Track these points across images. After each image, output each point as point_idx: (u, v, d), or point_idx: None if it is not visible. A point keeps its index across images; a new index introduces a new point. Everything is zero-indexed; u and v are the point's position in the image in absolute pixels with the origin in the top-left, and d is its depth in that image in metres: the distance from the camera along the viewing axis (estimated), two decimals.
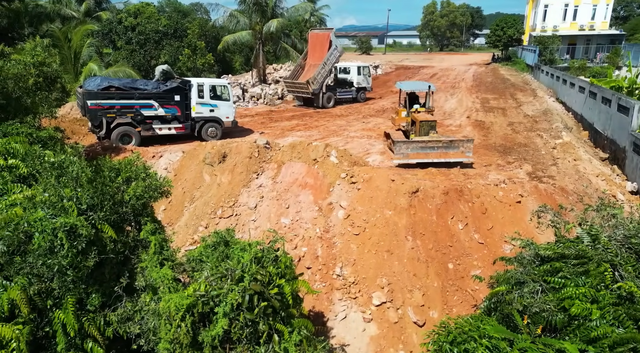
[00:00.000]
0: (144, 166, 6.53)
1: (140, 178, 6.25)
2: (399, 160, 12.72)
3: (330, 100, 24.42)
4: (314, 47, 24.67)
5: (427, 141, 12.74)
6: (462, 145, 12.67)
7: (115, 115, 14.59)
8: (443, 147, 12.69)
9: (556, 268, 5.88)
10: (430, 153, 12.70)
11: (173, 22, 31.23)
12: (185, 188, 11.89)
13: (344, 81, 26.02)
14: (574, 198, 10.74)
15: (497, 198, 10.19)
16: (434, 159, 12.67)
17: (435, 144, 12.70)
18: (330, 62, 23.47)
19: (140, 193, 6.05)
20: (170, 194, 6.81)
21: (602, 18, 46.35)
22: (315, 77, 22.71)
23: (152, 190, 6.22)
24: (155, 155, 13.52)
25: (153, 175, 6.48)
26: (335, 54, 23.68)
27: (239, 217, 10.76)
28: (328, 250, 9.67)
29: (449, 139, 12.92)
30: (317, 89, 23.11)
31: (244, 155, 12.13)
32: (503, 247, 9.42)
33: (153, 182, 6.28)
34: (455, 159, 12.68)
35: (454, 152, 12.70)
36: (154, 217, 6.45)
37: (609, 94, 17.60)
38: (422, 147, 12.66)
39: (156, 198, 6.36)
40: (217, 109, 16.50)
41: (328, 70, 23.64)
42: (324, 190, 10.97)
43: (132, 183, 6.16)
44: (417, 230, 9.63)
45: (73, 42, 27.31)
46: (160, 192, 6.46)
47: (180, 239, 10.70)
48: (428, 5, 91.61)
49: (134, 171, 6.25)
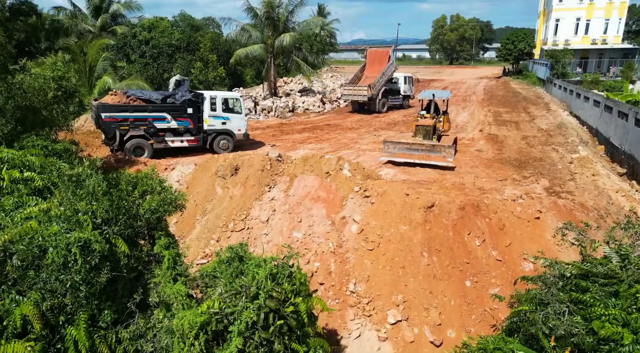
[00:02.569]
0: (159, 179, 6.48)
1: (156, 191, 6.19)
2: (386, 157, 14.35)
3: (384, 105, 27.50)
4: (372, 62, 28.57)
5: (412, 143, 14.26)
6: (443, 150, 13.85)
7: (128, 127, 14.70)
8: (426, 150, 14.04)
9: (583, 287, 5.65)
10: (414, 154, 14.10)
11: (186, 35, 31.71)
12: (197, 201, 11.84)
13: (393, 90, 28.55)
14: (594, 215, 10.46)
15: (515, 214, 9.94)
16: (416, 160, 13.96)
17: (419, 146, 14.12)
18: (387, 73, 27.25)
19: (155, 207, 5.98)
20: (185, 208, 6.73)
21: (615, 32, 46.08)
22: (375, 84, 25.86)
23: (167, 203, 6.15)
24: (168, 168, 13.53)
25: (168, 188, 6.42)
26: (392, 67, 27.88)
27: (251, 231, 10.64)
28: (341, 265, 9.48)
29: (432, 143, 14.22)
30: (375, 95, 26.22)
31: (256, 168, 12.06)
32: (522, 264, 9.15)
33: (168, 196, 6.21)
34: (437, 162, 13.75)
35: (436, 156, 13.89)
36: (167, 231, 6.36)
37: (626, 108, 17.31)
38: (408, 148, 14.21)
39: (171, 213, 6.29)
40: (229, 121, 16.55)
41: (385, 80, 27.01)
42: (337, 204, 10.83)
43: (147, 196, 6.10)
44: (432, 246, 9.41)
45: (88, 55, 27.81)
46: (175, 206, 6.38)
47: (192, 252, 10.60)
48: (438, 19, 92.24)
49: (150, 184, 6.19)
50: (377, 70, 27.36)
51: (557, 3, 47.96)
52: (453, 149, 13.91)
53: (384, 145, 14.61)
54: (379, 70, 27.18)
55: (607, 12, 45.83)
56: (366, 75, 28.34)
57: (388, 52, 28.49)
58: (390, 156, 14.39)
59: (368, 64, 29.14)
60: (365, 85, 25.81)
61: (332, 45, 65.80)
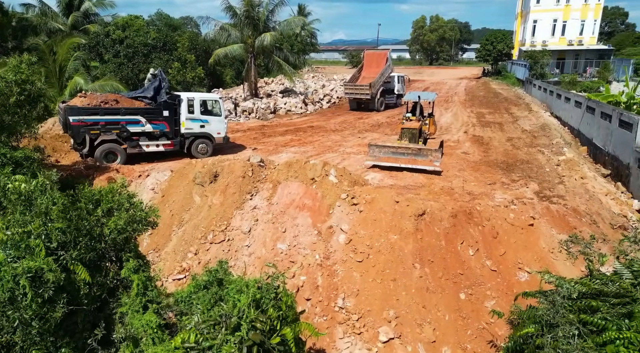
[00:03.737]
0: (128, 195, 5.78)
1: (123, 208, 5.49)
2: (371, 161, 13.86)
3: (382, 104, 28.46)
4: (370, 63, 29.64)
5: (398, 147, 13.77)
6: (430, 154, 13.37)
7: (99, 131, 13.78)
8: (413, 154, 13.54)
9: (593, 307, 5.24)
10: (400, 158, 13.59)
11: (162, 35, 30.62)
12: (173, 211, 11.09)
13: (389, 89, 29.64)
14: (587, 220, 10.20)
15: (509, 221, 9.58)
16: (402, 164, 13.51)
17: (405, 150, 13.64)
18: (385, 73, 28.68)
19: (122, 227, 5.29)
20: (157, 225, 6.05)
21: (590, 33, 47.00)
22: (375, 83, 27.06)
23: (136, 222, 5.47)
24: (142, 174, 12.71)
25: (138, 204, 5.73)
26: (389, 68, 29.40)
27: (232, 242, 9.98)
28: (329, 279, 8.93)
29: (418, 147, 13.79)
30: (375, 93, 27.41)
31: (237, 174, 11.40)
32: (517, 274, 8.78)
33: (137, 213, 5.52)
34: (423, 167, 13.34)
35: (422, 160, 13.42)
36: (137, 252, 5.67)
37: (609, 110, 17.30)
38: (393, 152, 13.70)
39: (141, 231, 5.60)
40: (207, 124, 15.79)
41: (383, 80, 28.32)
42: (323, 213, 10.27)
43: (113, 214, 5.40)
44: (425, 256, 8.96)
45: (58, 55, 26.47)
46: (146, 224, 5.70)
47: (167, 267, 9.88)
48: (417, 20, 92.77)
49: (117, 201, 5.50)
50: (375, 71, 28.45)
51: (534, 4, 48.62)
52: (440, 153, 13.44)
53: (369, 149, 14.05)
54: (376, 71, 28.28)
55: (582, 14, 46.71)
56: (363, 75, 29.36)
57: (386, 54, 29.71)
58: (376, 160, 13.87)
59: (365, 65, 30.15)
60: (367, 84, 26.85)
61: (312, 45, 65.28)
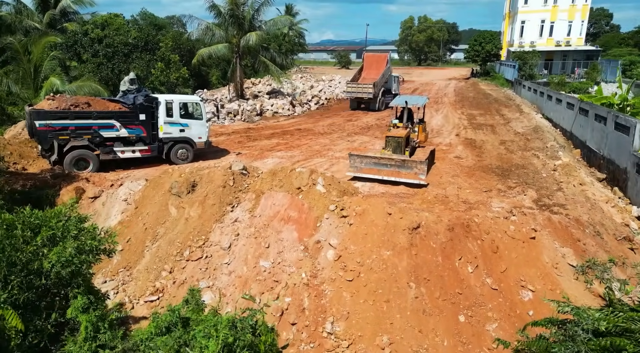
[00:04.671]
0: (78, 218, 4.92)
1: (70, 236, 4.64)
2: (352, 173, 12.94)
3: (384, 103, 28.66)
4: (370, 65, 30.40)
5: (380, 158, 12.71)
6: (415, 167, 12.34)
7: (69, 137, 12.79)
8: (396, 166, 12.53)
9: (618, 347, 4.56)
10: (383, 170, 12.62)
11: (144, 34, 29.47)
12: (147, 224, 10.20)
13: (387, 89, 30.17)
14: (590, 231, 9.60)
15: (509, 234, 8.92)
16: (384, 177, 12.52)
17: (388, 161, 12.59)
18: (386, 74, 29.56)
19: (68, 258, 4.44)
20: (115, 252, 5.19)
21: (578, 34, 47.09)
22: (378, 83, 27.90)
23: (86, 252, 4.61)
24: (115, 184, 11.77)
25: (90, 230, 4.88)
26: (389, 70, 30.49)
27: (210, 260, 9.13)
28: (316, 300, 8.15)
29: (402, 158, 12.63)
30: (377, 93, 27.99)
31: (217, 183, 10.55)
32: (520, 293, 8.11)
33: (88, 242, 4.67)
34: (407, 180, 12.34)
35: (406, 173, 12.42)
36: (89, 287, 4.82)
37: (604, 112, 16.84)
38: (375, 163, 12.68)
39: (92, 263, 4.75)
40: (188, 128, 14.88)
41: (384, 80, 29.26)
42: (310, 226, 9.49)
43: (57, 244, 4.55)
44: (420, 274, 8.23)
45: (33, 55, 25.21)
46: (99, 252, 4.85)
47: (139, 287, 9.00)
48: (406, 20, 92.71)
49: (61, 227, 4.64)
50: (375, 72, 29.19)
51: (522, 5, 48.57)
52: (426, 165, 12.27)
53: (349, 159, 12.96)
54: (377, 72, 29.03)
55: (570, 14, 46.79)
56: (364, 76, 30.05)
57: (386, 56, 30.74)
58: (357, 171, 12.88)
59: (365, 67, 30.81)
60: (371, 83, 27.46)
61: (301, 45, 64.50)
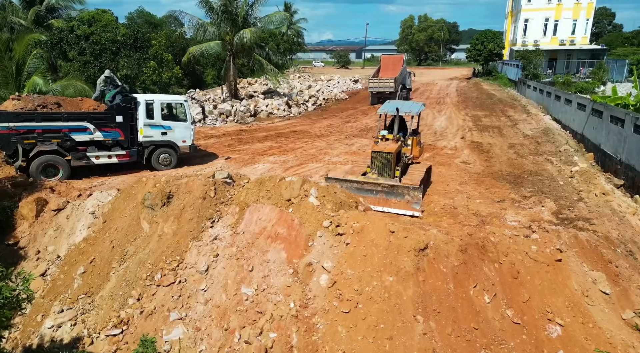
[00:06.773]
0: None
1: None
2: None
3: (401, 98, 29.75)
4: (387, 66, 33.52)
5: (363, 183, 10.39)
6: (407, 194, 10.00)
7: (35, 140, 11.54)
8: (384, 192, 10.19)
9: None
10: (368, 197, 10.21)
11: (133, 31, 28.19)
12: (115, 242, 8.93)
13: (403, 84, 32.21)
14: (622, 251, 8.36)
15: (531, 256, 7.67)
16: (370, 206, 9.89)
17: (374, 187, 10.26)
18: (403, 72, 32.47)
19: None
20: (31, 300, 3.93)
21: (583, 33, 45.91)
22: (398, 78, 30.76)
23: None
24: (83, 194, 10.49)
25: None
26: (406, 69, 33.55)
27: (184, 285, 7.87)
28: (306, 336, 6.89)
29: (390, 183, 10.27)
30: (397, 87, 30.27)
31: (196, 195, 9.29)
32: (547, 328, 6.86)
33: None
34: (398, 211, 9.97)
35: (397, 201, 10.08)
36: None
37: (622, 113, 15.60)
38: (358, 188, 10.31)
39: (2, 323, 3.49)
40: (170, 131, 13.64)
41: (402, 77, 32.00)
42: (301, 245, 8.23)
43: None
44: (429, 305, 6.99)
45: (15, 52, 23.95)
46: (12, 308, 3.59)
47: (100, 317, 7.72)
48: (406, 19, 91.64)
49: None
50: (391, 73, 31.71)
51: (525, 3, 47.38)
52: (421, 192, 9.99)
53: (326, 183, 10.32)
54: (393, 72, 31.55)
55: (574, 13, 45.60)
56: (381, 76, 32.42)
57: (402, 58, 34.21)
58: None
59: (382, 68, 33.67)
60: (392, 78, 30.00)
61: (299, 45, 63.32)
